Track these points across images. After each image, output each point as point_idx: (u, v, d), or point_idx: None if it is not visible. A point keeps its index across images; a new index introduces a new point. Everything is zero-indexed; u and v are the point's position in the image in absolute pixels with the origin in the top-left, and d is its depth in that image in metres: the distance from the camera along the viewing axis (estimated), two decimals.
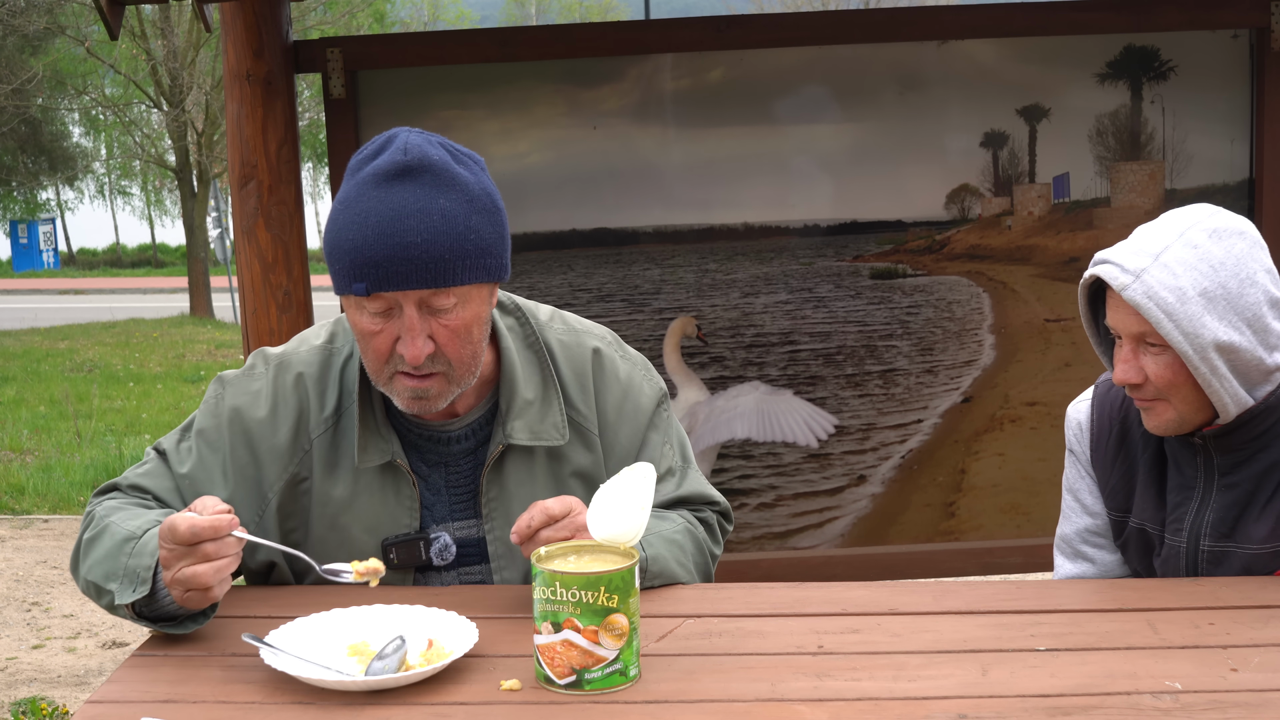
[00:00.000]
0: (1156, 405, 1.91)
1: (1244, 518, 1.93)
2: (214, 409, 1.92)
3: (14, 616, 5.37)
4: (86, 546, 1.82)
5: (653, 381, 2.04)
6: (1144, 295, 1.81)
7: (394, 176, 1.71)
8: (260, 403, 1.90)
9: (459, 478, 1.93)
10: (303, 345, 1.96)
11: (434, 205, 1.70)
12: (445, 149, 1.78)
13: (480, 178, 1.78)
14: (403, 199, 1.70)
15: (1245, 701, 1.45)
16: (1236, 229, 1.86)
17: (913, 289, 3.77)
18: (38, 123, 23.07)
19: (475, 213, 1.74)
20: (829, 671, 1.57)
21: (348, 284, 1.72)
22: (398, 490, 1.89)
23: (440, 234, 1.70)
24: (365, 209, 1.71)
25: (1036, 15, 3.62)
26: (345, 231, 1.72)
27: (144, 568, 1.69)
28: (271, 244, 3.54)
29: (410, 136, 1.76)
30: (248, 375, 1.94)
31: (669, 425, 2.05)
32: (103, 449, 8.91)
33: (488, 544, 1.92)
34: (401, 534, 1.90)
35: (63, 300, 25.61)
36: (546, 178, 3.66)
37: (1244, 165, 3.71)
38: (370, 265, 1.69)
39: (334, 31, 19.76)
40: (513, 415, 1.89)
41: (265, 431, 1.89)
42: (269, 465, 1.88)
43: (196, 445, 1.91)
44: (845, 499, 3.79)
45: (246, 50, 3.47)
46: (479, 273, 1.74)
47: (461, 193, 1.73)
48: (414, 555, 1.89)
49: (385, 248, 1.68)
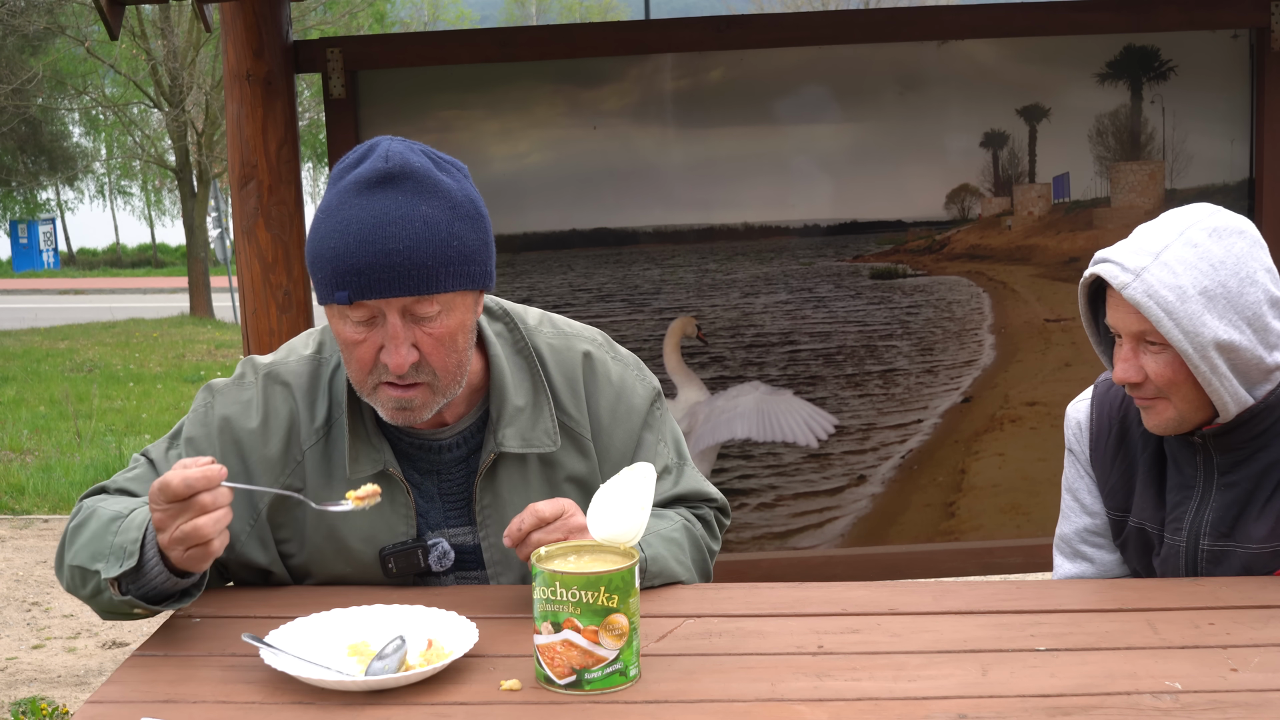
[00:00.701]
0: (1156, 404, 1.91)
1: (1243, 517, 1.93)
2: (203, 418, 1.91)
3: (14, 616, 5.37)
4: (72, 534, 1.81)
5: (645, 380, 2.03)
6: (1144, 294, 1.81)
7: (375, 184, 1.70)
8: (251, 413, 1.89)
9: (452, 485, 1.92)
10: (291, 355, 1.95)
11: (416, 212, 1.69)
12: (427, 156, 1.76)
13: (463, 184, 1.77)
14: (384, 206, 1.69)
15: (1245, 701, 1.45)
16: (1237, 228, 1.86)
17: (913, 289, 3.77)
18: (38, 123, 23.07)
19: (458, 219, 1.72)
20: (829, 671, 1.57)
21: (330, 293, 1.71)
22: (393, 499, 1.87)
23: (423, 241, 1.68)
24: (346, 217, 1.70)
25: (1036, 15, 3.62)
26: (327, 240, 1.71)
27: (130, 540, 1.68)
28: (271, 244, 3.54)
29: (392, 144, 1.75)
30: (237, 385, 1.93)
31: (663, 423, 2.04)
32: (103, 449, 8.91)
33: (483, 551, 1.92)
34: (399, 543, 1.89)
35: (63, 300, 25.61)
36: (546, 178, 3.65)
37: (1244, 165, 3.71)
38: (352, 273, 1.68)
39: (334, 31, 19.77)
40: (504, 423, 1.88)
41: (256, 442, 1.88)
42: (260, 476, 1.87)
43: (186, 454, 1.90)
44: (845, 499, 3.79)
45: (246, 50, 3.47)
46: (462, 280, 1.73)
47: (444, 199, 1.72)
48: (413, 563, 1.88)
49: (367, 255, 1.67)
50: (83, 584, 1.77)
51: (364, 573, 1.90)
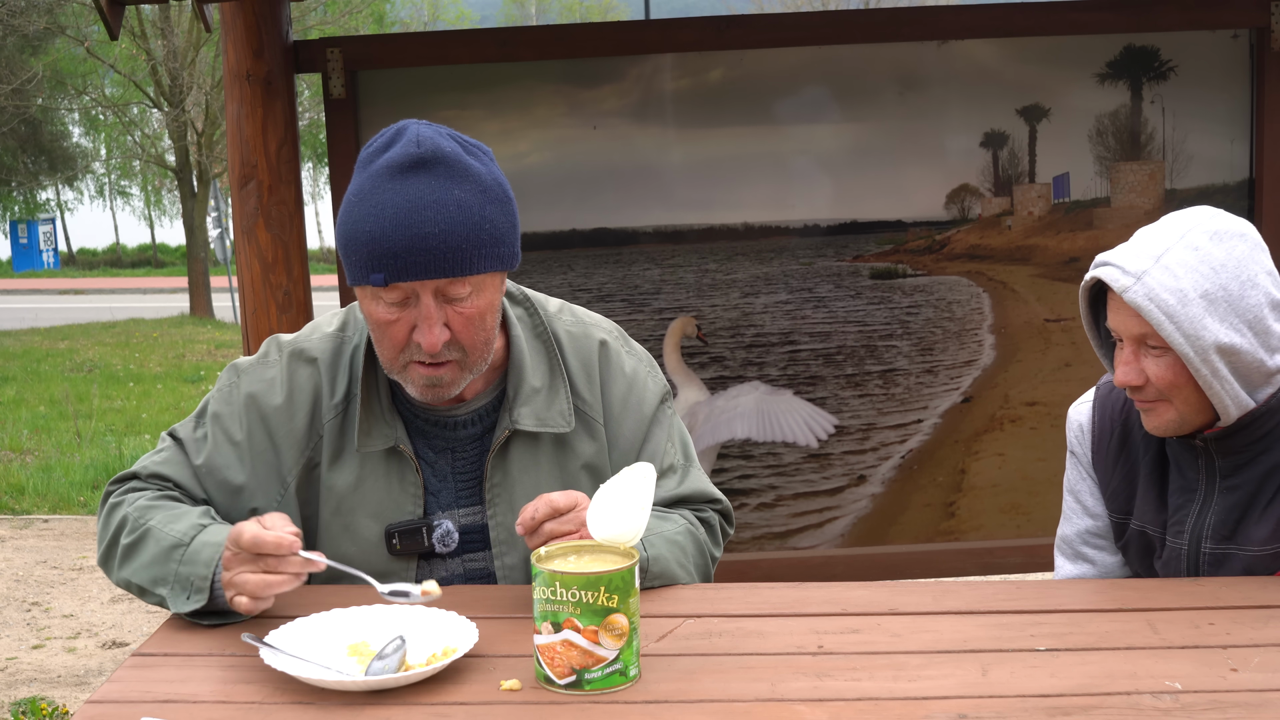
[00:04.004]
0: (1157, 406, 1.91)
1: (1245, 520, 1.93)
2: (229, 396, 1.94)
3: (14, 616, 5.37)
4: (127, 551, 1.84)
5: (657, 378, 2.06)
6: (1145, 297, 1.81)
7: (408, 168, 1.74)
8: (276, 389, 1.92)
9: (465, 464, 1.94)
10: (315, 333, 1.98)
11: (449, 196, 1.73)
12: (455, 140, 1.80)
13: (491, 168, 1.81)
14: (418, 190, 1.72)
15: (1245, 702, 1.45)
16: (1237, 231, 1.86)
17: (913, 289, 3.77)
18: (38, 123, 23.07)
19: (489, 203, 1.77)
20: (829, 671, 1.57)
21: (365, 275, 1.74)
22: (402, 477, 1.90)
23: (456, 224, 1.72)
24: (381, 201, 1.73)
25: (1036, 15, 3.62)
26: (362, 223, 1.74)
27: (200, 577, 1.74)
28: (271, 244, 3.54)
29: (421, 129, 1.78)
30: (262, 363, 1.96)
31: (672, 423, 2.06)
32: (103, 449, 8.91)
33: (490, 530, 1.93)
34: (405, 520, 1.91)
35: (63, 300, 25.61)
36: (546, 178, 3.66)
37: (1244, 165, 3.71)
38: (389, 256, 1.71)
39: (334, 31, 19.76)
40: (520, 401, 1.91)
41: (282, 418, 1.91)
42: (286, 451, 1.91)
43: (213, 432, 1.93)
44: (845, 499, 3.79)
45: (246, 50, 3.47)
46: (493, 261, 1.77)
47: (475, 183, 1.76)
48: (417, 542, 1.90)
49: (403, 238, 1.71)
50: (140, 595, 1.83)
51: (368, 552, 1.91)
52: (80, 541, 6.57)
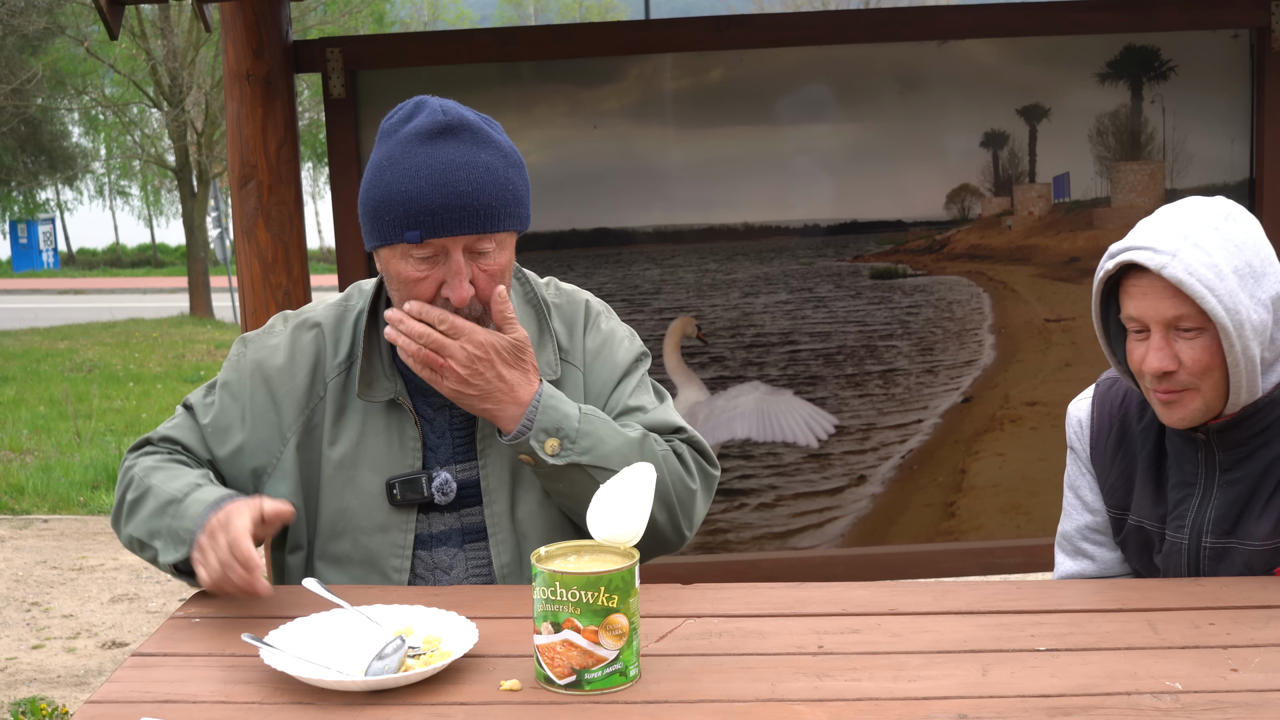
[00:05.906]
0: (1184, 396, 1.87)
1: (1246, 514, 1.93)
2: (237, 364, 2.08)
3: (14, 616, 5.37)
4: (130, 507, 1.98)
5: (635, 343, 2.14)
6: (1185, 272, 1.78)
7: (437, 134, 1.87)
8: (279, 353, 2.06)
9: (461, 419, 2.02)
10: (319, 304, 2.15)
11: (478, 159, 1.87)
12: (472, 112, 1.94)
13: (505, 137, 1.96)
14: (450, 154, 1.86)
15: (1245, 702, 1.45)
16: (1244, 213, 1.87)
17: (913, 289, 3.77)
18: (38, 123, 23.08)
19: (510, 166, 1.91)
20: (829, 671, 1.57)
21: (400, 233, 1.86)
22: (402, 431, 2.00)
23: (486, 184, 1.87)
24: (415, 164, 1.86)
25: (1036, 15, 3.62)
26: (397, 184, 1.86)
27: (186, 530, 1.85)
28: (271, 244, 3.54)
29: (441, 101, 1.93)
30: (267, 333, 2.10)
31: (645, 379, 2.13)
32: (103, 449, 8.91)
33: (481, 480, 2.00)
34: (404, 473, 1.99)
35: (62, 300, 25.61)
36: (546, 178, 3.65)
37: (1244, 165, 3.71)
38: (425, 214, 1.84)
39: (334, 31, 19.76)
40: None
41: (284, 377, 2.04)
42: (287, 408, 2.02)
43: (220, 397, 2.07)
44: (845, 499, 3.79)
45: (246, 50, 3.47)
46: (515, 220, 1.92)
47: (497, 149, 1.91)
48: (417, 492, 1.98)
49: (439, 197, 1.84)
50: (141, 550, 1.97)
51: (369, 504, 1.98)
52: (80, 541, 6.57)
